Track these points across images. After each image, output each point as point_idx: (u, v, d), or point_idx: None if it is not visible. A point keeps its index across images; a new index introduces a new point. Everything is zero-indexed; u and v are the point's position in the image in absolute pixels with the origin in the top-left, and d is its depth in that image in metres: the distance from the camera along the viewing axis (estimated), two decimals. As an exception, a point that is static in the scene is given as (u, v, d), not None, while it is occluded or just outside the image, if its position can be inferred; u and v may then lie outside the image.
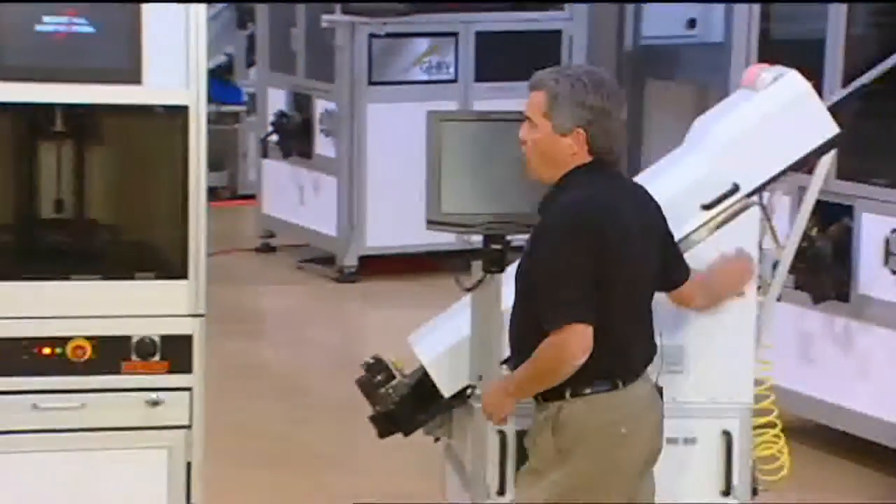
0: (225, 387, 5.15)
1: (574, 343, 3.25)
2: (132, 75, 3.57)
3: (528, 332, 3.36)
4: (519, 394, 3.41)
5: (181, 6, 3.56)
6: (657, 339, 3.49)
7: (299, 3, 8.15)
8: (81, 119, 3.77)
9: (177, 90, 3.60)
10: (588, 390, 3.33)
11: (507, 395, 3.43)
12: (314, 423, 5.85)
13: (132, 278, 3.65)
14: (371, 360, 3.89)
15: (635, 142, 8.31)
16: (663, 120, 8.14)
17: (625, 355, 3.38)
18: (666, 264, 3.50)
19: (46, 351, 3.57)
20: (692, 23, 8.37)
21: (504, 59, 7.85)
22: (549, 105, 3.32)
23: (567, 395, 3.33)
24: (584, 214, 3.30)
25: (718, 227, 3.80)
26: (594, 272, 3.27)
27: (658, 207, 3.51)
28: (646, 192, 3.50)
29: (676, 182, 3.83)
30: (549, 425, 3.35)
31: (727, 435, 3.80)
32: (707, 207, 3.78)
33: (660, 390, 3.52)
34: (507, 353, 3.58)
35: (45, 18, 3.51)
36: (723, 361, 3.80)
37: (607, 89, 3.33)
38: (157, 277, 3.65)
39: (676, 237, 3.62)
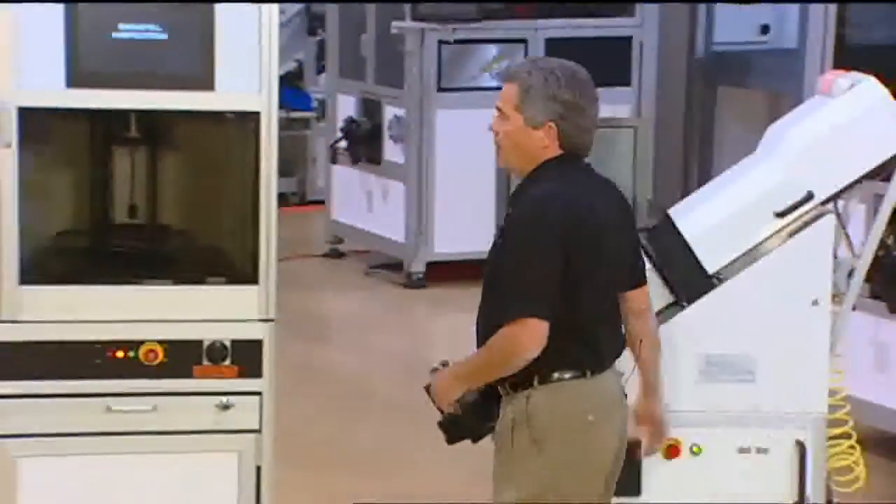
0: (293, 391, 5.17)
1: (526, 337, 3.22)
2: (205, 81, 3.60)
3: (493, 321, 3.32)
4: (469, 380, 3.36)
5: (254, 13, 3.59)
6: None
7: (369, 10, 8.18)
8: (155, 125, 3.82)
9: (249, 96, 3.62)
10: (556, 376, 3.30)
11: (456, 380, 3.37)
12: (381, 428, 5.86)
13: (204, 283, 3.68)
14: (439, 366, 3.88)
15: (706, 149, 8.23)
16: (735, 127, 8.06)
17: (594, 346, 3.35)
18: (632, 262, 3.46)
19: (119, 354, 3.61)
20: (765, 28, 8.28)
21: (574, 65, 7.81)
22: (522, 98, 3.27)
23: (535, 382, 3.30)
24: (557, 208, 3.25)
25: (792, 235, 3.76)
26: (563, 267, 3.24)
27: (628, 204, 3.49)
28: (615, 187, 3.44)
29: (749, 190, 3.79)
30: (523, 417, 3.31)
31: (800, 445, 3.75)
32: (781, 215, 3.74)
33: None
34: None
35: (122, 26, 3.55)
36: (796, 371, 3.75)
37: (580, 84, 3.28)
38: (228, 282, 3.68)
39: (749, 245, 3.59)
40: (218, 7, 3.57)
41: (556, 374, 3.30)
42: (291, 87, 9.67)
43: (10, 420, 3.57)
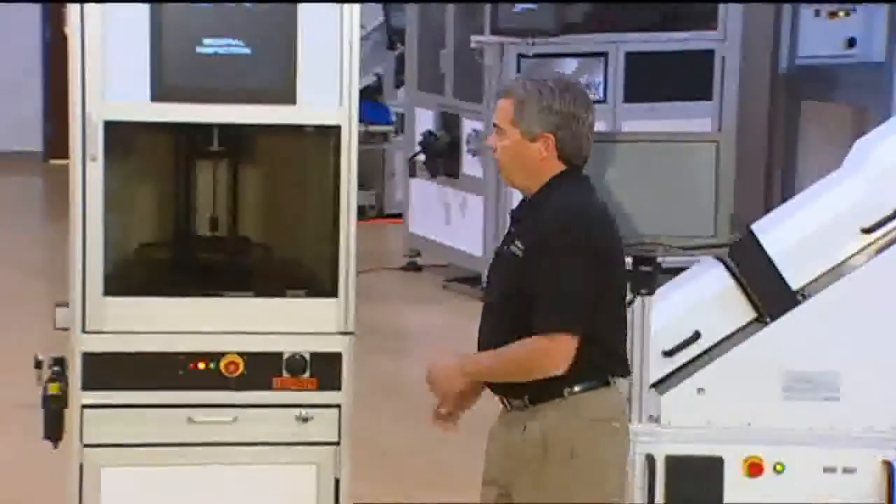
0: (369, 404, 5.18)
1: (557, 352, 3.25)
2: (287, 95, 3.62)
3: (505, 335, 3.32)
4: (478, 376, 3.37)
5: (335, 28, 3.61)
6: None
7: (449, 24, 8.20)
8: (237, 138, 3.85)
9: (330, 110, 3.64)
10: (583, 386, 3.32)
11: (462, 373, 3.37)
12: (457, 441, 5.84)
13: (284, 296, 3.69)
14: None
15: (790, 164, 8.13)
16: (819, 142, 7.95)
17: (616, 354, 3.39)
18: None
19: (201, 366, 3.63)
20: (851, 42, 8.16)
21: (654, 79, 7.77)
22: (517, 112, 3.33)
23: (565, 394, 3.31)
24: (591, 222, 3.30)
25: (879, 251, 3.69)
26: (596, 281, 3.27)
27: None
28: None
29: (835, 205, 3.74)
30: (554, 430, 3.31)
31: (888, 465, 3.68)
32: (867, 231, 3.69)
33: None
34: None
35: (206, 41, 3.59)
36: (883, 388, 3.68)
37: (574, 94, 3.34)
38: (308, 295, 3.69)
39: (834, 261, 3.55)
40: (300, 22, 3.60)
41: (584, 385, 3.32)
42: (371, 101, 9.72)
43: (94, 430, 3.61)
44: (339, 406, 3.68)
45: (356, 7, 3.61)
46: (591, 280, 3.26)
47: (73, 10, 3.53)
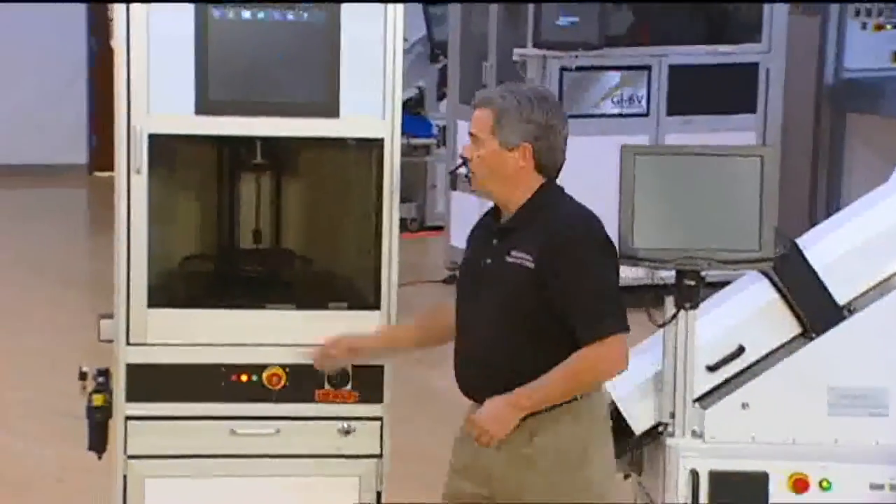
0: (407, 415, 5.18)
1: (619, 355, 3.29)
2: (330, 109, 3.62)
3: (524, 348, 3.30)
4: (536, 406, 3.32)
5: (378, 41, 3.61)
6: None
7: (491, 37, 8.19)
8: (280, 151, 3.86)
9: (373, 123, 3.64)
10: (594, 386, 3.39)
11: (519, 410, 3.30)
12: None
13: (326, 308, 3.70)
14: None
15: (835, 177, 8.06)
16: (866, 155, 7.88)
17: None
18: None
19: (244, 378, 3.64)
20: (898, 55, 8.10)
21: (697, 92, 7.73)
22: (496, 121, 3.36)
23: (578, 396, 3.34)
24: (602, 229, 3.36)
25: (926, 267, 3.64)
26: (618, 280, 3.36)
27: None
28: None
29: (882, 219, 3.70)
30: (565, 429, 3.32)
31: (936, 483, 3.63)
32: (915, 245, 3.63)
33: None
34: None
35: (249, 53, 3.59)
36: (931, 405, 3.63)
37: (550, 105, 3.42)
38: (350, 308, 3.69)
39: (881, 276, 3.51)
40: (343, 35, 3.60)
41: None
42: (413, 114, 9.74)
43: (138, 440, 3.63)
44: (380, 419, 3.68)
45: (400, 20, 3.62)
46: (617, 280, 3.35)
47: (119, 22, 3.55)
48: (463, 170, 3.50)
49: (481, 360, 3.38)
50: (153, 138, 3.58)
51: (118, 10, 3.54)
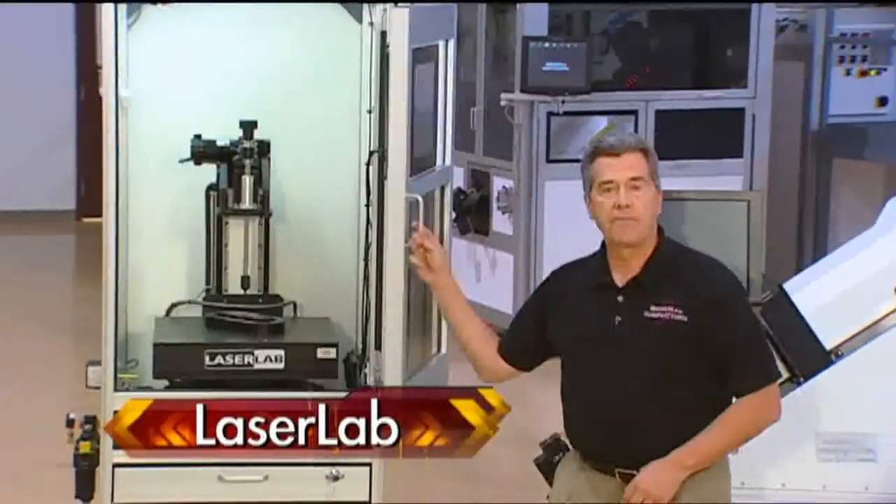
0: (400, 463, 5.16)
1: (776, 401, 3.23)
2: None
3: (681, 408, 3.20)
4: (703, 463, 3.23)
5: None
6: None
7: (480, 82, 8.24)
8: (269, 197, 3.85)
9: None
10: None
11: (684, 471, 3.21)
12: (491, 501, 5.80)
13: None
14: (549, 440, 3.84)
15: (821, 222, 8.10)
16: (851, 200, 7.92)
17: None
18: None
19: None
20: (883, 101, 8.15)
21: (684, 137, 7.77)
22: (652, 164, 3.23)
23: None
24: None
25: (914, 310, 3.66)
26: None
27: None
28: None
29: (869, 264, 3.71)
30: (708, 488, 3.27)
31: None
32: (901, 290, 3.65)
33: None
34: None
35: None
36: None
37: None
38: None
39: (868, 320, 3.50)
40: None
41: None
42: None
43: (125, 489, 3.60)
44: (369, 464, 3.67)
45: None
46: None
47: (107, 71, 3.57)
48: (451, 214, 3.49)
49: (629, 423, 3.23)
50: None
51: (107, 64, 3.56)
